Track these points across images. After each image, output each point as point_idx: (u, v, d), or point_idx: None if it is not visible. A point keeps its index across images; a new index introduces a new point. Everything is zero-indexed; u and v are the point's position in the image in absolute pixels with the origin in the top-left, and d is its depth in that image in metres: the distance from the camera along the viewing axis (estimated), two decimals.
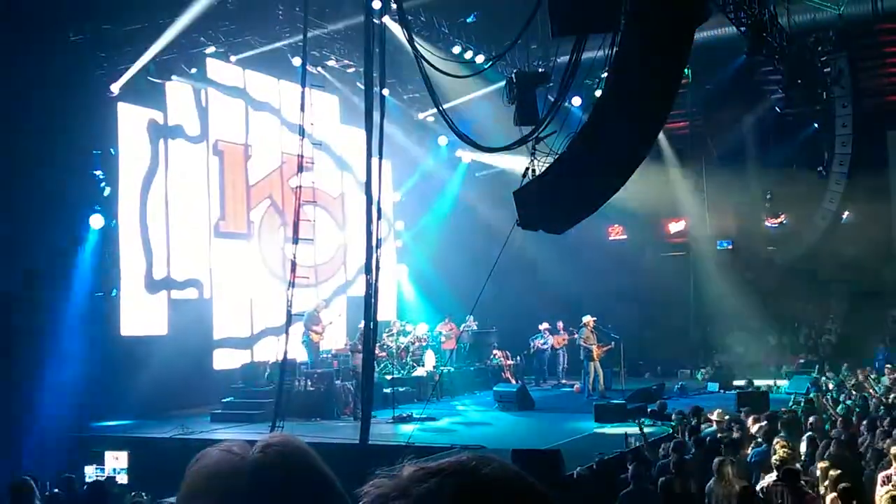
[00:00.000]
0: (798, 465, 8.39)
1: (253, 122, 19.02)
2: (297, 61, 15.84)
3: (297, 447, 1.49)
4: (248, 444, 1.49)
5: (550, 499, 1.16)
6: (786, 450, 8.44)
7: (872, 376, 16.48)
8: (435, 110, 12.62)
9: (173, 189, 17.14)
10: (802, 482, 7.74)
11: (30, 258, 14.21)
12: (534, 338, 20.12)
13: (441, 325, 19.86)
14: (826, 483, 7.71)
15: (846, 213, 22.47)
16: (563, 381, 19.81)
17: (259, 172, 19.04)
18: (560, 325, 19.89)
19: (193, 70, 16.91)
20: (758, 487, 7.92)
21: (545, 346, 20.00)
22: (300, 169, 13.81)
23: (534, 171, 10.65)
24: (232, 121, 18.56)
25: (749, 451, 9.98)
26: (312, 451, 1.51)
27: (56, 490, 9.81)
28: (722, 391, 18.40)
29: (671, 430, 12.38)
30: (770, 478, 7.93)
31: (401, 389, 16.84)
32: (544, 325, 20.08)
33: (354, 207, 20.63)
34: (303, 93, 14.12)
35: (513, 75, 12.48)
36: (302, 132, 14.25)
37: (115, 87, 15.65)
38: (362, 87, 13.25)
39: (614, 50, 9.67)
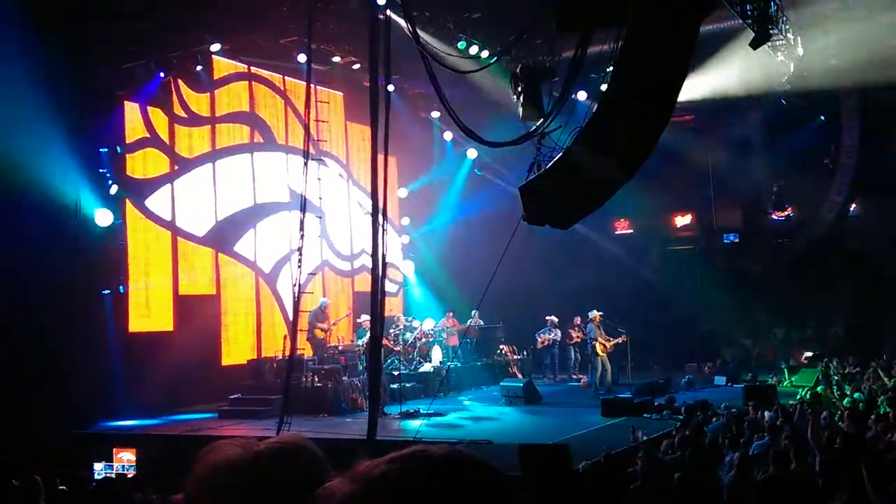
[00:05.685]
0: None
1: (258, 119, 19.05)
2: (302, 58, 15.83)
3: (299, 446, 1.52)
4: (253, 441, 1.52)
5: (500, 476, 1.19)
6: None
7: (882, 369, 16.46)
8: (440, 106, 12.59)
9: (179, 186, 17.19)
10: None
11: (36, 256, 14.24)
12: (540, 332, 20.04)
13: (442, 321, 19.80)
14: None
15: (853, 205, 22.40)
16: (575, 376, 19.81)
17: (265, 168, 19.07)
18: (577, 320, 19.74)
19: (199, 67, 16.94)
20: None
21: (555, 339, 19.89)
22: (306, 164, 13.80)
23: (539, 165, 10.63)
24: (237, 117, 18.59)
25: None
26: (317, 450, 1.53)
27: (63, 487, 9.83)
28: (729, 385, 18.39)
29: (678, 424, 12.38)
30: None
31: (408, 385, 16.88)
32: (551, 318, 19.99)
33: (360, 202, 20.67)
34: (308, 89, 14.12)
35: (518, 70, 12.45)
36: (307, 128, 14.26)
37: (121, 85, 15.69)
38: (367, 84, 13.24)
39: (619, 44, 9.65)
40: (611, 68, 10.16)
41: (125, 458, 11.78)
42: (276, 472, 1.46)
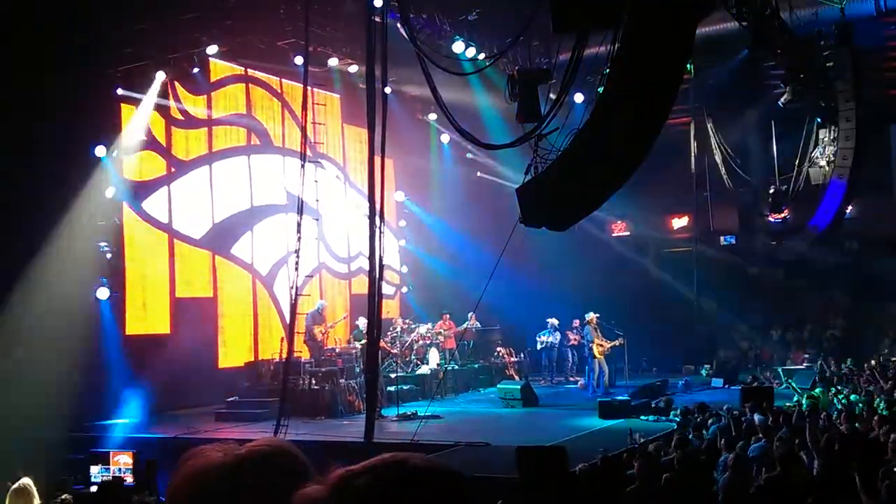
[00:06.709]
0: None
1: (255, 121, 19.03)
2: (299, 60, 15.82)
3: (280, 450, 1.50)
4: (234, 446, 1.51)
5: (464, 482, 1.19)
6: None
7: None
8: (437, 108, 12.60)
9: (176, 188, 17.17)
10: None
11: (34, 258, 14.20)
12: (541, 333, 20.00)
13: (439, 324, 19.75)
14: None
15: (849, 207, 22.41)
16: (571, 378, 19.79)
17: (262, 170, 19.05)
18: (576, 323, 19.67)
19: (196, 69, 16.91)
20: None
21: (554, 343, 19.84)
22: (303, 166, 13.78)
23: (536, 168, 10.63)
24: (234, 119, 18.58)
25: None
26: (300, 455, 1.51)
27: (59, 491, 9.81)
28: (726, 387, 18.39)
29: (675, 427, 12.38)
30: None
31: (405, 387, 16.86)
32: (552, 320, 19.95)
33: (357, 205, 20.66)
34: (305, 91, 14.10)
35: (515, 72, 12.44)
36: (304, 130, 14.25)
37: (119, 87, 15.68)
38: (364, 86, 13.24)
39: (616, 46, 9.65)
40: (607, 70, 10.17)
41: (122, 462, 11.73)
42: (257, 477, 1.44)
